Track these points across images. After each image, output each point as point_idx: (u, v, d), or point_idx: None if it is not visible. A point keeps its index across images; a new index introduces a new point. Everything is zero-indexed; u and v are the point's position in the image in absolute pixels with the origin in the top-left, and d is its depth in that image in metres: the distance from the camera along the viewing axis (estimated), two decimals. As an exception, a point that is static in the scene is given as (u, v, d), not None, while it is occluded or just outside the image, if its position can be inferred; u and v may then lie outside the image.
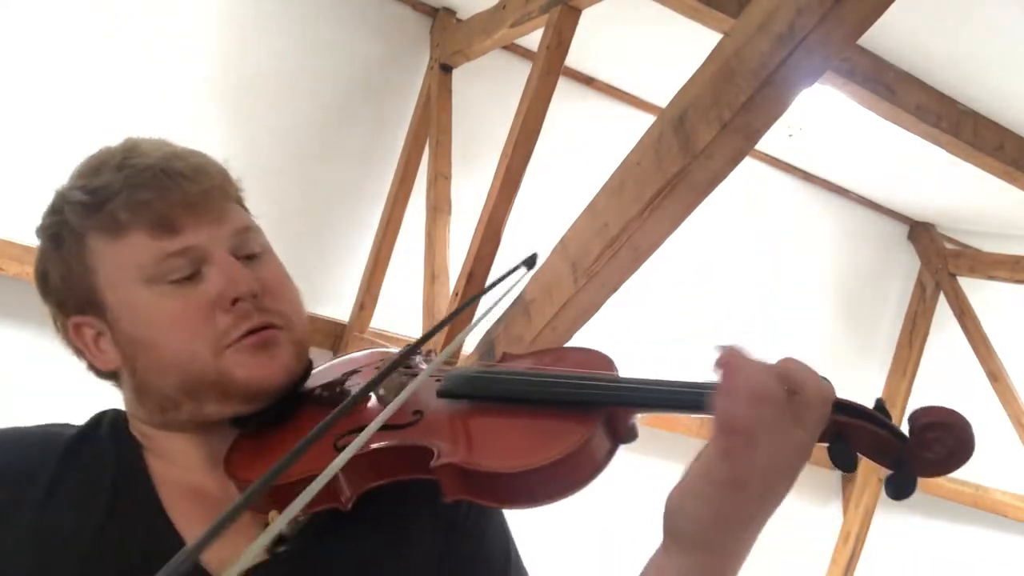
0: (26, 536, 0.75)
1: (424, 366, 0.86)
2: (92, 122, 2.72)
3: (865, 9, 1.16)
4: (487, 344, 1.90)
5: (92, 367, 0.87)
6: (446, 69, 3.09)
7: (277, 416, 0.82)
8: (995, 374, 3.97)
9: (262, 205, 0.95)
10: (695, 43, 1.99)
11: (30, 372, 2.70)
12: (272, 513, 0.76)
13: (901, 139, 3.00)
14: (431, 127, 2.99)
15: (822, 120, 3.27)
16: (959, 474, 4.34)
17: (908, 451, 0.70)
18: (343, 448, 0.68)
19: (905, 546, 4.49)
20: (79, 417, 0.89)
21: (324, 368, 0.90)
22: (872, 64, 2.62)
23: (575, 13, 2.30)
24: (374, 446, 0.75)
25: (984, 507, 3.91)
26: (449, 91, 3.06)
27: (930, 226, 4.36)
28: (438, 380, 0.82)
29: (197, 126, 2.88)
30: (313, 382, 0.86)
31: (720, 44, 1.34)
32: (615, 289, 1.61)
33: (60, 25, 2.67)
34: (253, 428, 0.82)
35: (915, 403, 4.59)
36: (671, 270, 3.65)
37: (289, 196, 3.02)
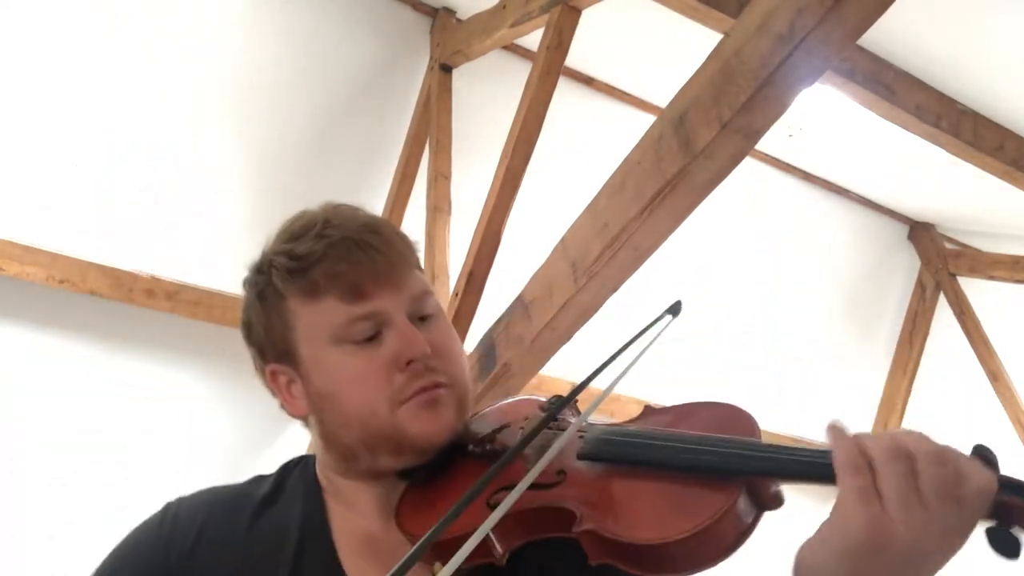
0: None
1: (570, 419, 0.89)
2: (92, 122, 2.72)
3: (865, 9, 1.16)
4: (487, 344, 1.90)
5: (284, 408, 0.97)
6: (446, 69, 3.09)
7: (438, 470, 0.89)
8: (995, 374, 3.97)
9: (262, 205, 0.97)
10: (695, 43, 1.99)
11: (30, 372, 2.70)
12: (437, 565, 0.80)
13: (901, 139, 3.00)
14: (431, 127, 2.99)
15: (822, 120, 3.27)
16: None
17: None
18: (495, 506, 0.72)
19: (905, 546, 4.49)
20: (77, 417, 0.91)
21: (479, 417, 0.97)
22: (872, 64, 2.62)
23: (575, 13, 2.30)
24: (521, 506, 0.77)
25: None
26: (449, 91, 3.06)
27: (930, 226, 4.36)
28: (581, 436, 0.85)
29: (197, 126, 2.88)
30: (468, 435, 0.92)
31: (720, 44, 1.34)
32: (615, 289, 1.61)
33: (60, 25, 2.67)
34: (419, 481, 0.90)
35: (915, 403, 4.59)
36: (671, 270, 3.65)
37: (289, 196, 3.02)
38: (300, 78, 3.05)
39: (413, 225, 3.11)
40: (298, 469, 0.98)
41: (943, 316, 4.32)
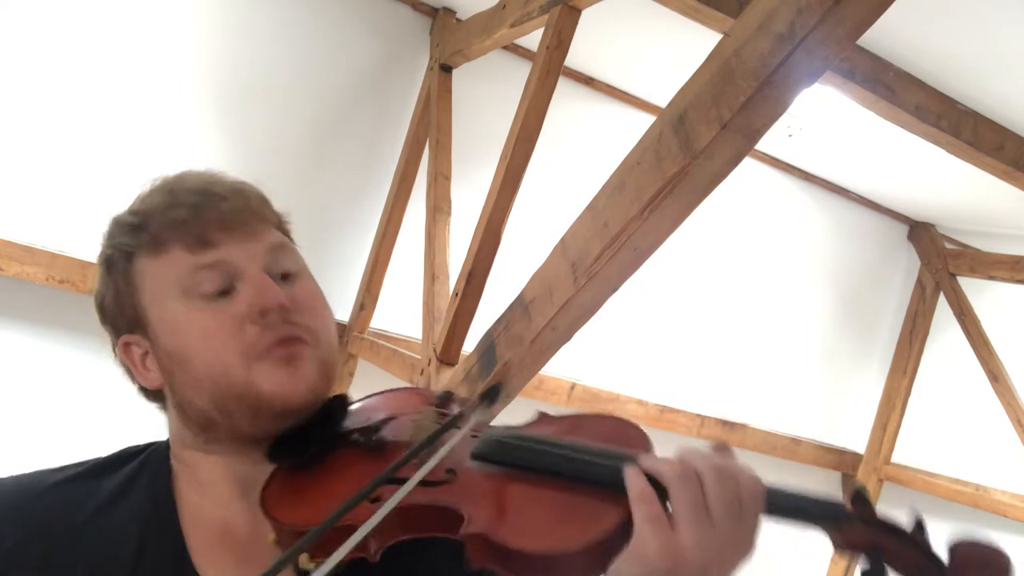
0: None
1: (463, 418, 0.86)
2: (92, 122, 2.72)
3: (865, 9, 1.16)
4: (487, 344, 1.90)
5: (140, 387, 0.89)
6: (446, 69, 3.09)
7: (314, 455, 0.82)
8: (995, 374, 3.97)
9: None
10: (695, 43, 1.99)
11: (30, 372, 2.70)
12: (303, 557, 0.76)
13: (901, 139, 3.00)
14: (431, 127, 2.99)
15: (822, 120, 3.28)
16: (959, 473, 4.29)
17: None
18: (377, 500, 0.71)
19: (905, 546, 4.48)
20: (78, 418, 0.89)
21: (360, 406, 0.91)
22: (872, 64, 2.62)
23: (575, 13, 2.29)
24: (406, 503, 0.74)
25: (984, 507, 3.90)
26: (449, 91, 3.06)
27: (930, 226, 4.36)
28: (475, 436, 0.82)
29: (197, 126, 2.89)
30: (350, 422, 0.86)
31: (720, 44, 1.34)
32: (615, 289, 1.60)
33: (60, 25, 2.67)
34: (291, 464, 0.83)
35: (915, 403, 4.57)
36: (671, 270, 3.65)
37: (289, 197, 3.00)
38: (300, 78, 3.05)
39: (413, 225, 3.12)
40: (144, 455, 0.89)
41: (943, 316, 4.32)
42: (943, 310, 4.31)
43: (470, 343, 2.19)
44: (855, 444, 4.40)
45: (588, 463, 0.75)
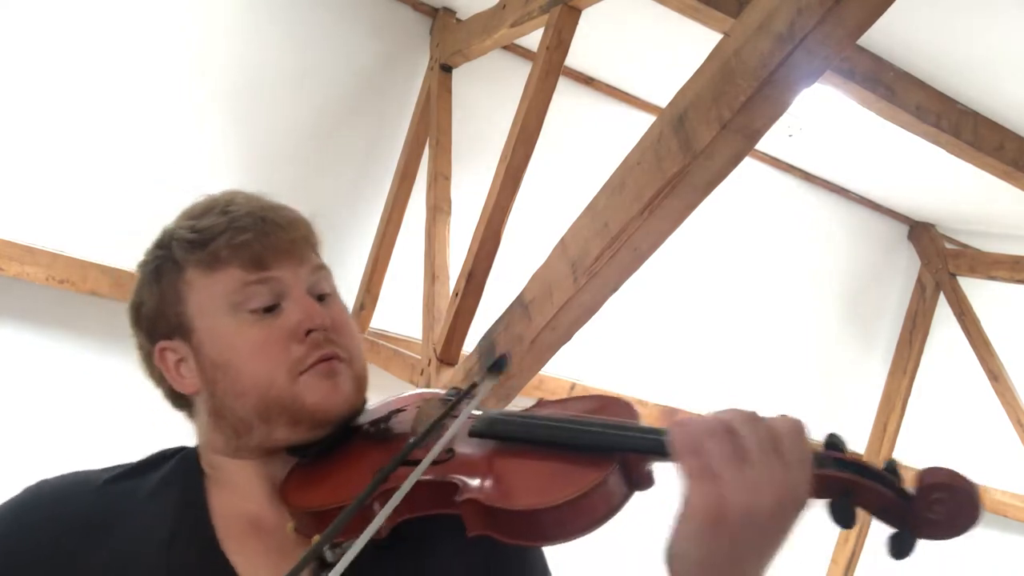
0: None
1: (463, 404, 0.92)
2: (92, 123, 2.72)
3: (865, 9, 1.16)
4: (488, 343, 1.90)
5: (170, 393, 0.95)
6: (446, 69, 3.09)
7: (329, 448, 0.90)
8: (995, 374, 3.97)
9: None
10: (695, 43, 1.99)
11: (30, 372, 2.70)
12: (316, 537, 0.81)
13: (901, 139, 3.00)
14: (431, 127, 2.99)
15: (822, 120, 3.28)
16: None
17: (911, 511, 0.70)
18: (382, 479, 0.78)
19: (905, 546, 4.48)
20: (78, 418, 0.90)
21: (373, 407, 0.98)
22: (872, 64, 2.62)
23: (575, 13, 2.29)
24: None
25: (984, 507, 3.91)
26: (449, 91, 3.06)
27: (930, 226, 4.36)
28: (471, 418, 0.88)
29: (198, 126, 2.88)
30: (362, 418, 0.94)
31: (720, 44, 1.34)
32: (615, 289, 1.61)
33: (60, 26, 2.67)
34: (308, 458, 0.90)
35: (915, 403, 4.57)
36: (671, 270, 3.65)
37: (289, 196, 3.00)
38: (300, 78, 3.05)
39: (413, 225, 3.12)
40: (177, 457, 0.95)
41: (943, 316, 4.32)
42: (943, 310, 4.32)
43: (470, 343, 2.19)
44: (855, 444, 4.39)
45: (573, 431, 0.82)
